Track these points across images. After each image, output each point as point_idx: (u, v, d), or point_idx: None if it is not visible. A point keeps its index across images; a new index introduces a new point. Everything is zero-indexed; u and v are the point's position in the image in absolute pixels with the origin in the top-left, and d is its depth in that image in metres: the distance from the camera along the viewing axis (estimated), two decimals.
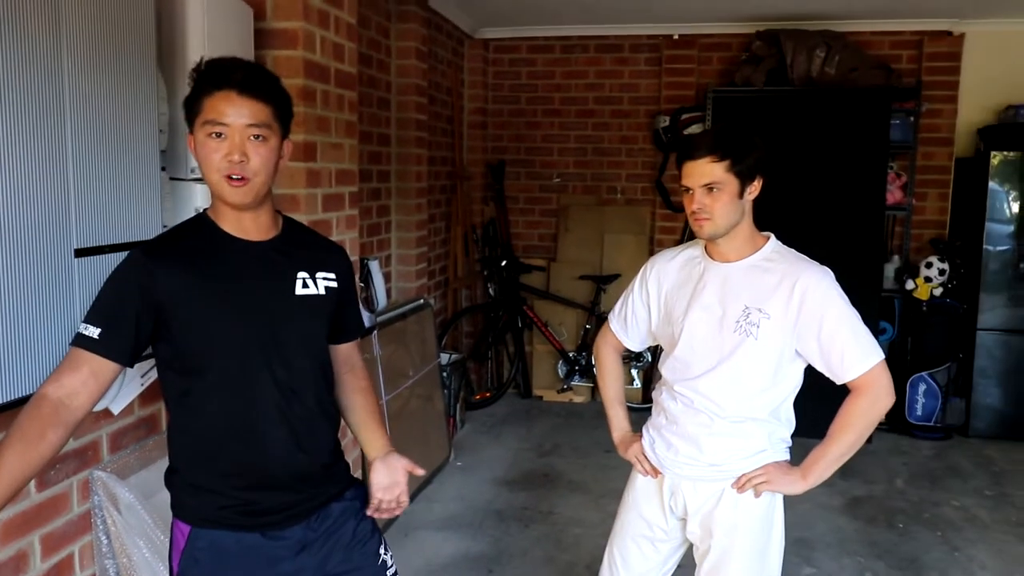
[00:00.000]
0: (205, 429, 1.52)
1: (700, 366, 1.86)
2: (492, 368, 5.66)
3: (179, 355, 1.50)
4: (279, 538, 1.57)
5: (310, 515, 1.61)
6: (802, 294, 1.77)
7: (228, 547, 1.54)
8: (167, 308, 1.46)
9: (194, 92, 1.47)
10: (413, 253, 4.47)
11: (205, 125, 1.44)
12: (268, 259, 1.56)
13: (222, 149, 1.44)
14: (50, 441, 1.37)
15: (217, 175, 1.45)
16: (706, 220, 1.78)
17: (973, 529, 3.62)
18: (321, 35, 2.64)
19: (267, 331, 1.52)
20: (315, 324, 1.62)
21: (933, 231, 5.23)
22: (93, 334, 1.42)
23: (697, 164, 1.77)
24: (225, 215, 1.53)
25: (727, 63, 5.33)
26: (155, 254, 1.49)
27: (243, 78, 1.45)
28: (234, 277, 1.51)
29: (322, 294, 1.61)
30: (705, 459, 1.87)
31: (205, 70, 1.48)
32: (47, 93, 1.61)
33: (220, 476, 1.54)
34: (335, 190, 2.83)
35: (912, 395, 4.90)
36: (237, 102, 1.44)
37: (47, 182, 1.63)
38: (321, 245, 1.71)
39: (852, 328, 1.78)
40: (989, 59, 5.07)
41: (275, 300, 1.55)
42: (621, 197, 5.69)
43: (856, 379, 1.78)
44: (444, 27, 5.03)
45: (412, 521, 3.58)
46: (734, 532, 1.86)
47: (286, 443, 1.55)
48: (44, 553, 1.89)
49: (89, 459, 2.02)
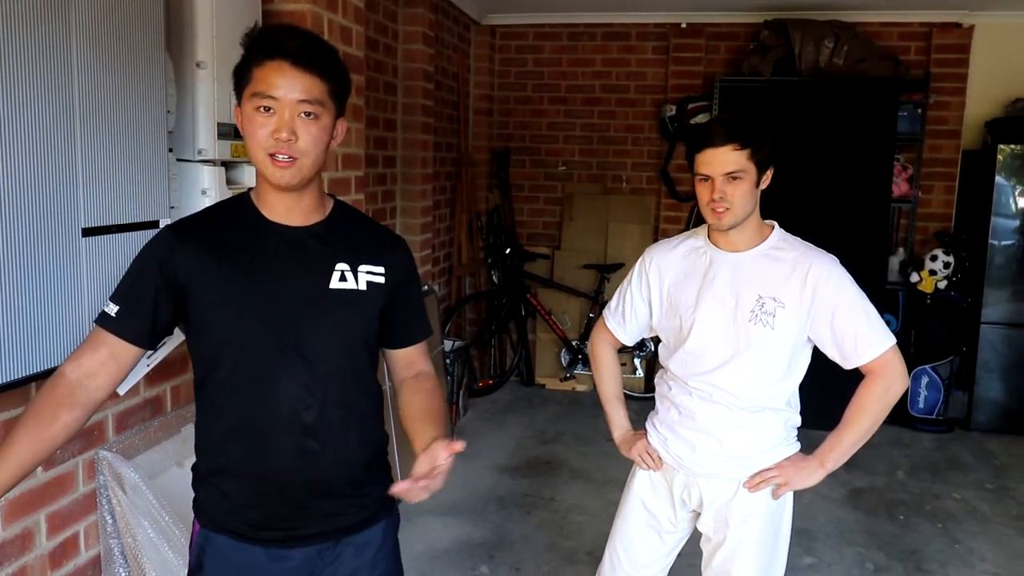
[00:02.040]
0: (215, 424, 1.43)
1: (714, 359, 1.83)
2: (495, 356, 5.66)
3: (196, 340, 1.41)
4: (282, 559, 1.44)
5: (321, 540, 1.45)
6: (815, 282, 1.77)
7: (230, 557, 1.44)
8: (184, 287, 1.36)
9: (244, 60, 1.35)
10: (418, 239, 4.46)
11: (253, 98, 1.31)
12: (304, 247, 1.41)
13: (269, 125, 1.31)
14: (64, 422, 1.32)
15: (262, 153, 1.32)
16: (727, 210, 1.75)
17: (974, 521, 3.63)
18: (329, 18, 2.63)
19: (289, 326, 1.37)
20: (349, 322, 1.43)
21: (938, 224, 5.22)
22: (112, 312, 1.35)
23: (719, 152, 1.73)
24: (265, 196, 1.41)
25: (735, 52, 5.30)
26: (181, 231, 1.40)
27: (297, 48, 1.31)
28: (261, 264, 1.38)
29: (362, 289, 1.43)
30: (725, 452, 1.86)
31: (258, 37, 1.35)
32: (56, 73, 1.61)
33: (227, 478, 1.43)
34: (341, 175, 2.82)
35: (915, 388, 4.89)
36: (289, 74, 1.30)
37: (55, 161, 1.63)
38: (375, 236, 1.52)
39: (865, 312, 1.78)
40: (998, 52, 5.05)
41: (304, 292, 1.39)
42: (626, 186, 5.68)
43: (869, 363, 1.78)
44: (451, 12, 5.01)
45: (414, 507, 3.58)
46: (751, 520, 1.86)
47: (298, 451, 1.39)
48: (49, 531, 1.90)
49: (95, 439, 2.02)
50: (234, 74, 1.38)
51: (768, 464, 1.86)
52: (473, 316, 5.67)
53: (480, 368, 5.56)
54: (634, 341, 2.08)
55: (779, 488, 1.85)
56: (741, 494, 1.86)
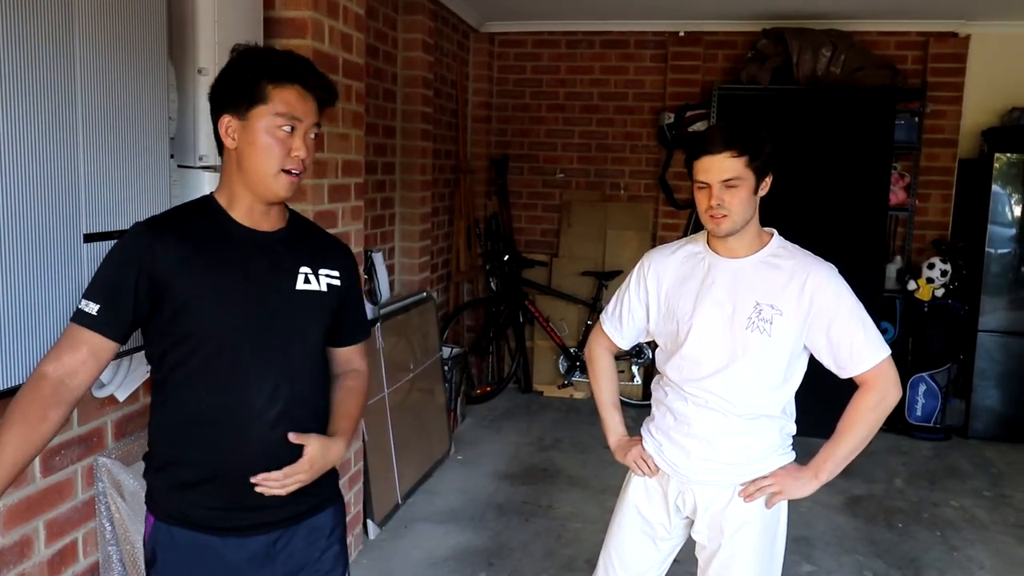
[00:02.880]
0: (177, 416, 1.46)
1: (711, 365, 1.83)
2: (493, 363, 5.66)
3: (167, 334, 1.44)
4: (239, 547, 1.49)
5: (277, 528, 1.52)
6: (813, 290, 1.77)
7: (186, 547, 1.48)
8: (162, 283, 1.40)
9: (256, 77, 1.42)
10: (416, 246, 4.46)
11: (277, 116, 1.42)
12: (273, 251, 1.51)
13: (290, 144, 1.43)
14: (52, 421, 1.36)
15: (276, 167, 1.43)
16: (724, 217, 1.76)
17: (972, 529, 3.63)
18: (330, 24, 2.64)
19: (262, 324, 1.47)
20: (313, 321, 1.55)
21: (935, 232, 5.24)
22: (92, 310, 1.38)
23: (716, 159, 1.74)
24: (239, 202, 1.48)
25: (733, 61, 5.33)
26: (158, 227, 1.44)
27: (314, 77, 1.46)
28: (236, 265, 1.46)
29: (323, 291, 1.55)
30: (720, 459, 1.85)
31: (275, 61, 1.45)
32: (59, 79, 1.61)
33: (193, 468, 1.47)
34: (341, 181, 2.82)
35: (912, 396, 4.90)
36: (308, 99, 1.45)
37: (58, 167, 1.63)
38: (326, 241, 1.66)
39: (862, 323, 1.78)
40: (994, 61, 5.07)
41: (274, 293, 1.49)
42: (624, 193, 5.69)
43: (864, 373, 1.78)
44: (450, 20, 5.02)
45: (412, 514, 3.59)
46: (745, 528, 1.85)
47: (264, 444, 1.46)
48: (48, 539, 1.89)
49: (94, 446, 2.02)
50: (234, 86, 1.43)
51: (763, 472, 1.86)
52: (471, 323, 5.67)
53: (478, 375, 5.56)
54: (630, 345, 2.08)
55: (773, 497, 1.84)
56: (736, 502, 1.86)
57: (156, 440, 1.52)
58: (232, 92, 1.44)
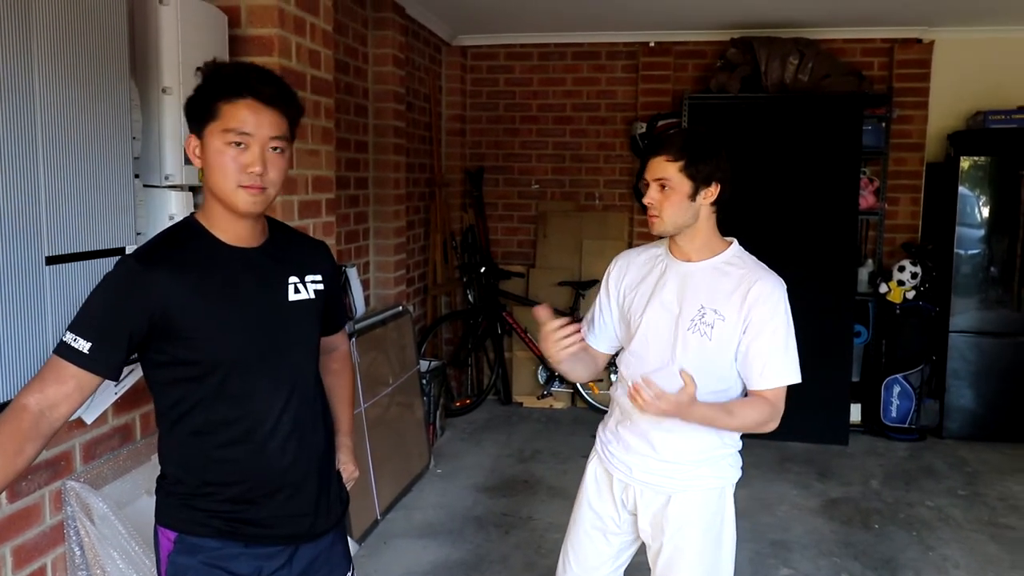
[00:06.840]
0: (203, 437, 1.49)
1: (654, 362, 1.87)
2: (472, 375, 5.65)
3: (178, 363, 1.45)
4: (267, 556, 1.55)
5: (300, 540, 1.59)
6: (754, 300, 1.80)
7: (212, 552, 1.52)
8: (167, 317, 1.40)
9: (208, 95, 1.43)
10: (391, 260, 4.46)
11: (225, 133, 1.40)
12: (261, 266, 1.53)
13: (242, 159, 1.41)
14: (28, 455, 1.34)
15: (232, 184, 1.42)
16: (655, 217, 1.84)
17: (947, 528, 3.67)
18: (297, 42, 2.64)
19: (266, 340, 1.50)
20: (310, 328, 1.60)
21: (905, 235, 5.31)
22: (83, 348, 1.36)
23: (655, 160, 1.84)
24: (220, 221, 1.48)
25: (702, 70, 5.38)
26: (151, 263, 1.42)
27: (267, 88, 1.43)
28: (231, 286, 1.47)
29: (312, 298, 1.59)
30: (657, 456, 1.89)
31: (225, 74, 1.44)
32: (17, 100, 1.60)
33: (216, 484, 1.51)
34: (312, 197, 2.82)
35: (887, 397, 4.96)
36: (261, 112, 1.41)
37: (17, 189, 1.61)
38: (305, 245, 1.68)
39: (785, 345, 1.82)
40: (958, 66, 5.17)
41: (271, 308, 1.52)
42: (599, 203, 5.72)
43: (764, 391, 1.81)
44: (421, 34, 5.04)
45: (391, 529, 3.57)
46: (686, 529, 1.88)
47: (286, 451, 1.53)
48: (16, 565, 1.86)
49: (62, 469, 1.99)
50: (192, 106, 1.45)
51: (701, 476, 1.88)
52: (449, 336, 5.66)
53: (457, 388, 5.54)
54: (609, 349, 2.09)
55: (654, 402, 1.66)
56: (675, 502, 1.89)
57: (172, 461, 1.54)
58: (190, 111, 1.46)
